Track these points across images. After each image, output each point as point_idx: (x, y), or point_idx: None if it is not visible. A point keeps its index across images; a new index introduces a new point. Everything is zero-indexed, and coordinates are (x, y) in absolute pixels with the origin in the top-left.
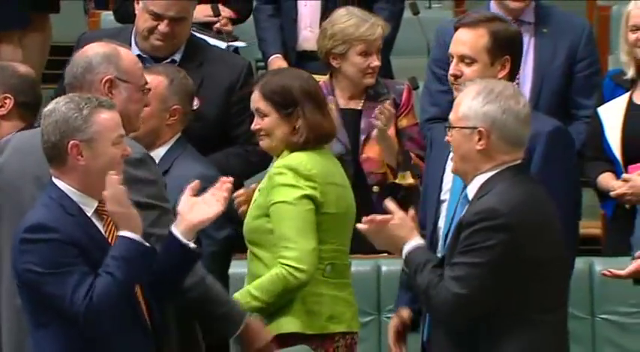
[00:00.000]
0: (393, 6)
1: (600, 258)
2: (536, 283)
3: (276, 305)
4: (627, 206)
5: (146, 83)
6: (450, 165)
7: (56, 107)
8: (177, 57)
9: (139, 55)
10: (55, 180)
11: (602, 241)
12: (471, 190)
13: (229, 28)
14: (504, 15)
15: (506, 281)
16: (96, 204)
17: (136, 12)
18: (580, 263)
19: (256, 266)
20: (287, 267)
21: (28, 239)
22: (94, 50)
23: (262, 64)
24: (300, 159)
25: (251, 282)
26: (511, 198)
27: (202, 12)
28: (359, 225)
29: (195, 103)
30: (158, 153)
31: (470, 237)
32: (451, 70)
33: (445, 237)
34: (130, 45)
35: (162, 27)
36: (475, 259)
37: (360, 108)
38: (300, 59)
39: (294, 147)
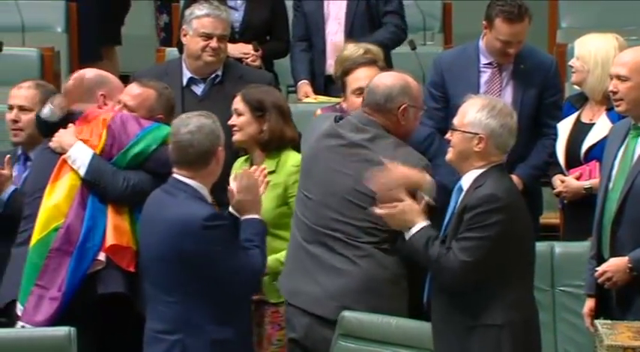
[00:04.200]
0: (398, 33)
1: (559, 242)
2: (518, 254)
3: None
4: (565, 201)
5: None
6: None
7: (203, 123)
8: (219, 72)
9: (190, 78)
10: (185, 179)
11: (560, 228)
12: (466, 182)
13: (257, 63)
14: (490, 55)
15: (501, 252)
16: (210, 197)
17: (185, 42)
18: (543, 246)
19: (278, 242)
20: None
21: (210, 225)
22: (391, 81)
23: (293, 88)
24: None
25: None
26: (503, 187)
27: (239, 49)
28: (376, 209)
29: None
30: None
31: (474, 217)
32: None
33: (449, 220)
34: (181, 71)
35: (213, 43)
36: (479, 234)
37: None
38: (327, 83)
39: (260, 144)
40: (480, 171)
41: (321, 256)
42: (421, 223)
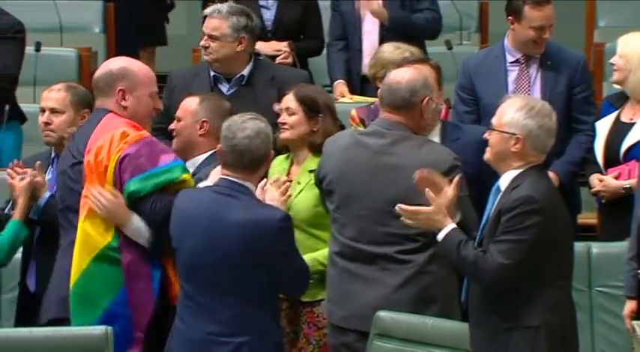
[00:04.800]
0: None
1: (596, 243)
2: (556, 255)
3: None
4: (603, 200)
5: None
6: None
7: (260, 127)
8: (245, 73)
9: (214, 76)
10: (241, 181)
11: (597, 229)
12: (503, 183)
13: (289, 61)
14: (517, 52)
15: (538, 254)
16: None
17: None
18: (580, 246)
19: (315, 242)
20: None
21: (284, 227)
22: (411, 76)
23: (329, 88)
24: None
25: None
26: (541, 188)
27: (272, 47)
28: (397, 206)
29: (277, 108)
30: (195, 161)
31: (511, 219)
32: None
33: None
34: (210, 71)
35: (202, 41)
36: (516, 236)
37: None
38: (363, 82)
39: (311, 146)
40: (518, 171)
41: (368, 274)
42: (449, 225)
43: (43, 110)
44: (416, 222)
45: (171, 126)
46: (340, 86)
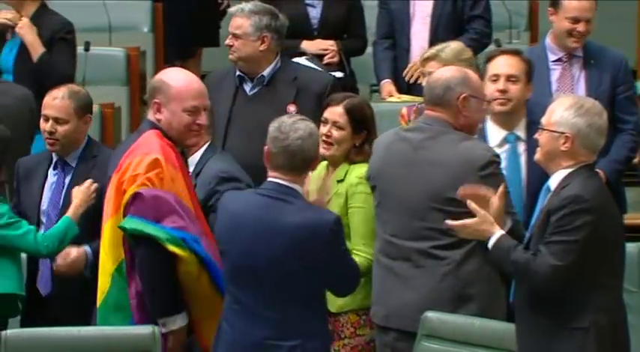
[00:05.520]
0: (480, 39)
1: None
2: (606, 255)
3: None
4: None
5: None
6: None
7: (311, 128)
8: (265, 73)
9: (239, 75)
10: (290, 184)
11: None
12: (553, 182)
13: (335, 59)
14: (558, 50)
15: (589, 254)
16: None
17: None
18: (631, 247)
19: None
20: (368, 258)
21: (337, 229)
22: (449, 74)
23: (376, 87)
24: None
25: None
26: (590, 187)
27: (317, 46)
28: (447, 222)
29: (293, 109)
30: (194, 159)
31: (561, 219)
32: None
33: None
34: (236, 71)
35: (227, 40)
36: (567, 237)
37: None
38: (410, 83)
39: (349, 160)
40: (568, 171)
41: (406, 272)
42: (498, 232)
43: (46, 118)
44: (464, 234)
45: None
46: (387, 85)
